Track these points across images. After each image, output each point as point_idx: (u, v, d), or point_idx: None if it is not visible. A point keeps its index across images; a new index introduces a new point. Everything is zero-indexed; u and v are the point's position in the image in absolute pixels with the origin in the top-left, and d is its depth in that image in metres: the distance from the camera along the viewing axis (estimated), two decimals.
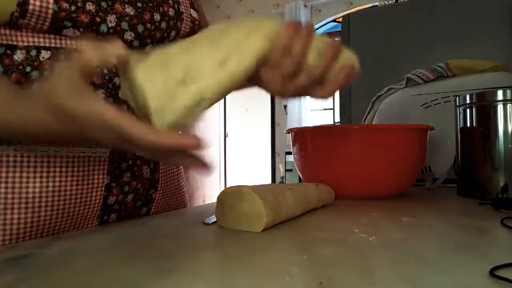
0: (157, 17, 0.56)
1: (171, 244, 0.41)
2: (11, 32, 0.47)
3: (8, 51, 0.47)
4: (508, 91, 0.69)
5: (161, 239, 0.45)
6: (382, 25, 1.44)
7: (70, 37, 0.50)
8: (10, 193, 0.46)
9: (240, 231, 0.47)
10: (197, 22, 0.64)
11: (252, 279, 0.30)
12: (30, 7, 0.44)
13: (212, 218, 0.52)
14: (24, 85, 0.47)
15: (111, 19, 0.51)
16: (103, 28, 0.50)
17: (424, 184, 0.90)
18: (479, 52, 1.22)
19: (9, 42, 0.47)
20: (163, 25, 0.57)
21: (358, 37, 0.45)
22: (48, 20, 0.46)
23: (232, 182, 4.52)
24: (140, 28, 0.54)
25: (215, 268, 0.34)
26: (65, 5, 0.46)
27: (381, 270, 0.32)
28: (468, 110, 0.75)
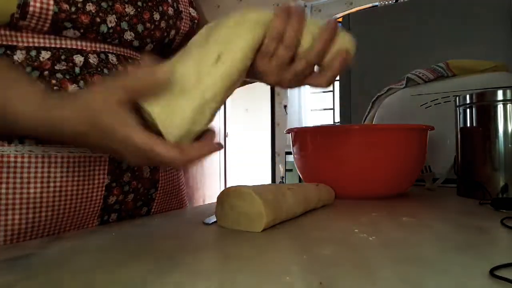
0: (157, 17, 0.56)
1: (171, 244, 0.41)
2: (11, 33, 0.47)
3: (8, 52, 0.47)
4: (508, 91, 0.69)
5: (161, 239, 0.45)
6: (382, 25, 1.44)
7: (70, 38, 0.50)
8: (11, 194, 0.46)
9: (240, 231, 0.47)
10: (196, 21, 0.64)
11: (252, 279, 0.30)
12: (31, 9, 0.44)
13: (212, 218, 0.52)
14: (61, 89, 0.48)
15: (111, 19, 0.51)
16: (103, 29, 0.50)
17: (424, 184, 0.90)
18: (479, 52, 1.22)
19: (9, 43, 0.47)
20: (163, 24, 0.57)
21: (358, 37, 0.45)
22: (49, 21, 0.46)
23: (232, 182, 4.52)
24: (140, 28, 0.54)
25: (215, 268, 0.34)
26: (65, 6, 0.46)
27: (381, 270, 0.32)
28: (468, 110, 0.75)
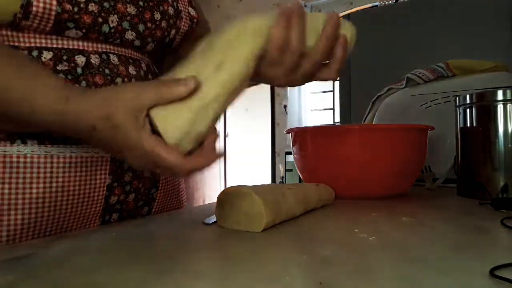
0: (158, 16, 0.56)
1: (171, 244, 0.41)
2: (13, 33, 0.47)
3: None
4: (508, 91, 0.69)
5: (161, 239, 0.45)
6: (382, 25, 1.44)
7: (72, 38, 0.50)
8: (14, 194, 0.46)
9: (240, 231, 0.47)
10: (196, 20, 0.64)
11: (252, 279, 0.30)
12: (34, 9, 0.44)
13: (212, 218, 0.52)
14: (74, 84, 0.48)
15: (113, 19, 0.51)
16: (105, 29, 0.50)
17: (424, 184, 0.90)
18: (479, 52, 1.22)
19: (11, 43, 0.47)
20: (163, 24, 0.57)
21: (358, 37, 0.46)
22: (51, 22, 0.46)
23: (232, 182, 4.52)
24: (141, 27, 0.54)
25: (215, 268, 0.34)
26: (68, 7, 0.46)
27: (381, 270, 0.32)
28: (468, 110, 0.75)
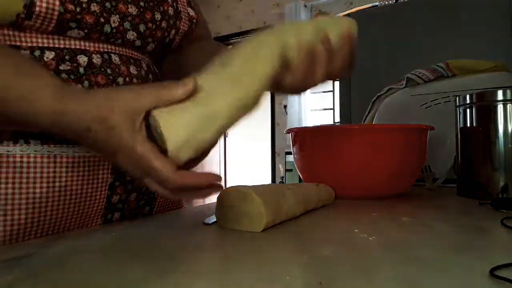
0: (158, 16, 0.57)
1: (171, 244, 0.41)
2: (15, 33, 0.47)
3: None
4: (508, 91, 0.69)
5: (161, 239, 0.45)
6: (382, 25, 1.44)
7: (74, 38, 0.50)
8: (17, 193, 0.46)
9: (240, 231, 0.47)
10: (195, 20, 0.64)
11: (252, 279, 0.30)
12: (37, 9, 0.44)
13: (212, 218, 0.52)
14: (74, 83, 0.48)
15: (115, 19, 0.51)
16: (107, 29, 0.51)
17: (424, 184, 0.90)
18: (479, 52, 1.22)
19: (13, 43, 0.47)
20: (164, 24, 0.58)
21: (358, 37, 0.46)
22: (54, 22, 0.46)
23: (232, 182, 4.52)
24: (142, 28, 0.55)
25: (215, 268, 0.34)
26: (71, 7, 0.46)
27: (381, 270, 0.32)
28: (468, 110, 0.75)
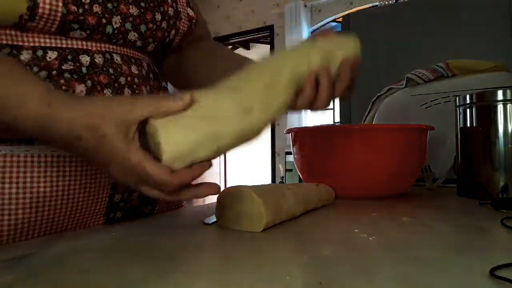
0: (158, 17, 0.57)
1: (172, 244, 0.41)
2: (17, 33, 0.47)
3: (14, 52, 0.47)
4: (508, 91, 0.69)
5: (162, 239, 0.45)
6: (382, 25, 1.44)
7: (76, 38, 0.50)
8: (22, 193, 0.47)
9: (240, 231, 0.47)
10: (194, 21, 0.64)
11: (252, 279, 0.30)
12: (40, 10, 0.44)
13: (212, 218, 0.52)
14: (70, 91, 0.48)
15: (116, 20, 0.51)
16: (109, 29, 0.51)
17: (424, 184, 0.90)
18: (479, 52, 1.22)
19: (15, 43, 0.47)
20: (164, 25, 0.58)
21: (358, 37, 0.46)
22: (56, 23, 0.47)
23: (232, 182, 4.52)
24: (143, 28, 0.55)
25: (215, 268, 0.34)
26: (73, 8, 0.47)
27: (381, 270, 0.32)
28: (468, 110, 0.75)
